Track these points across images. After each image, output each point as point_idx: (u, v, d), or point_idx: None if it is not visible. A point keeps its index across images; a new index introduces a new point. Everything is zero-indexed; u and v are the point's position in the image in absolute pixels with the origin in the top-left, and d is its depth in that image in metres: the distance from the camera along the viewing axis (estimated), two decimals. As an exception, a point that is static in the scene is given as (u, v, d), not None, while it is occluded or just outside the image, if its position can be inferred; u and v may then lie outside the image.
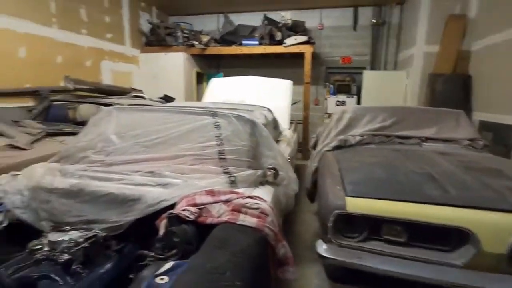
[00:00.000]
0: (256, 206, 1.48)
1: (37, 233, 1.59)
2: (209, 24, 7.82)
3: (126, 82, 6.36)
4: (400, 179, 1.81)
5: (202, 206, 1.44)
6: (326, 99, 6.77)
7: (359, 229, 1.65)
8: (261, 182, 1.88)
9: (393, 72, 6.62)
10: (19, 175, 1.84)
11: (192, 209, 1.38)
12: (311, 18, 7.10)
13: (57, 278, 1.22)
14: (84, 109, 5.16)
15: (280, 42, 6.32)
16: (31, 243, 1.35)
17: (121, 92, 4.13)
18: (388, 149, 2.55)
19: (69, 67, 4.95)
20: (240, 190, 1.65)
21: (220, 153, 1.86)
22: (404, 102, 5.92)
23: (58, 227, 1.56)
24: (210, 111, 2.14)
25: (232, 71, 7.82)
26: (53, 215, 1.61)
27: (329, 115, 5.83)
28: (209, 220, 1.35)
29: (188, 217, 1.33)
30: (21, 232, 1.62)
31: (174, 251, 1.26)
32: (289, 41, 6.12)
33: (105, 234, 1.43)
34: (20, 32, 4.15)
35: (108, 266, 1.35)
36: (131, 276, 1.32)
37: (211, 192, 1.54)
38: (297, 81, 6.07)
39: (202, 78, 7.82)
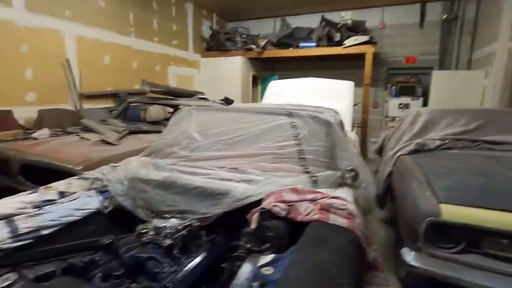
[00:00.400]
0: (343, 207, 1.46)
1: (135, 218, 1.79)
2: (266, 27, 7.96)
3: (188, 85, 6.78)
4: (502, 187, 1.63)
5: (290, 204, 1.46)
6: (386, 101, 6.41)
7: (455, 239, 1.52)
8: (340, 183, 1.84)
9: (468, 71, 6.00)
10: (118, 166, 2.07)
11: (282, 205, 1.41)
12: (371, 17, 6.80)
13: (162, 260, 1.34)
14: (153, 110, 5.63)
15: (338, 43, 6.17)
16: (138, 227, 1.51)
17: (188, 94, 4.42)
18: (477, 155, 2.31)
19: (142, 72, 5.45)
20: (322, 190, 1.64)
21: (299, 152, 1.87)
22: (481, 104, 5.32)
23: (155, 214, 1.73)
24: (286, 111, 2.18)
25: (287, 73, 7.85)
26: (149, 203, 1.77)
27: (393, 118, 5.51)
28: (300, 217, 1.37)
29: (279, 213, 1.36)
30: (121, 216, 1.82)
31: (267, 245, 1.30)
32: (348, 41, 5.94)
33: (198, 224, 1.53)
34: (105, 42, 4.70)
35: (203, 254, 1.44)
36: (224, 265, 1.40)
37: (295, 190, 1.56)
38: (355, 82, 5.85)
39: (257, 81, 7.99)
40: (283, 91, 5.04)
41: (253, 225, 1.40)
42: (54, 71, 3.99)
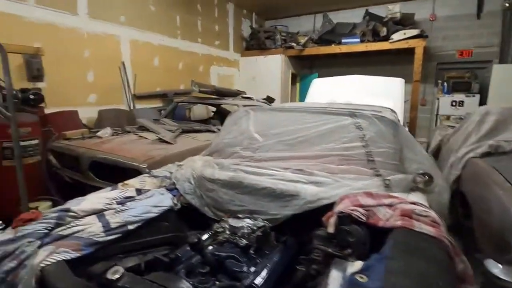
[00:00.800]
0: (425, 213, 1.38)
1: (202, 216, 1.85)
2: (305, 24, 7.83)
3: (228, 84, 6.89)
4: None
5: (368, 208, 1.41)
6: (437, 98, 6.00)
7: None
8: (412, 188, 1.75)
9: (534, 65, 5.43)
10: (183, 165, 2.15)
11: (361, 210, 1.37)
12: (420, 9, 6.40)
13: (240, 259, 1.37)
14: (196, 110, 5.82)
15: (385, 38, 5.89)
16: (215, 225, 1.55)
17: (233, 94, 4.49)
18: None
19: (187, 72, 5.64)
20: (397, 195, 1.57)
21: (367, 154, 1.81)
22: (552, 101, 4.78)
23: (224, 214, 1.77)
24: (348, 111, 2.12)
25: (327, 71, 7.67)
26: (217, 202, 1.82)
27: (447, 117, 5.14)
28: (381, 223, 1.31)
29: (360, 217, 1.33)
30: (187, 214, 1.89)
31: (349, 250, 1.27)
32: (396, 36, 5.65)
33: (270, 225, 1.54)
34: (155, 44, 4.92)
35: (277, 255, 1.44)
36: (299, 267, 1.39)
37: (370, 194, 1.51)
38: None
39: (295, 79, 7.90)
40: (327, 89, 4.93)
41: (331, 229, 1.37)
42: (111, 73, 4.26)
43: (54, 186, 3.22)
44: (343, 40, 6.37)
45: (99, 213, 1.48)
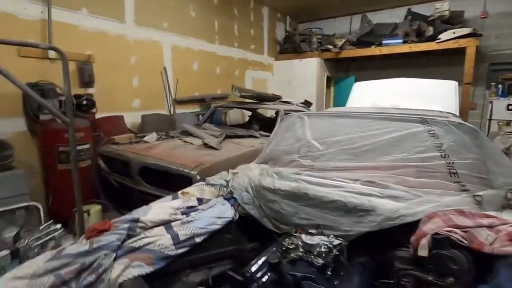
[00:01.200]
0: (536, 238, 1.18)
1: (262, 228, 1.75)
2: (341, 26, 7.60)
3: (263, 89, 6.82)
4: None
5: (465, 230, 1.24)
6: (490, 102, 5.53)
7: None
8: (503, 205, 1.54)
9: None
10: (237, 173, 2.07)
11: (459, 231, 1.20)
12: (469, 7, 5.97)
13: (318, 281, 1.25)
14: (232, 114, 5.80)
15: (431, 38, 5.54)
16: (284, 241, 1.45)
17: (273, 98, 4.41)
18: None
19: (223, 76, 5.64)
20: (492, 213, 1.38)
21: (449, 166, 1.62)
22: None
23: (286, 227, 1.66)
24: (418, 117, 1.94)
25: (364, 74, 7.38)
26: (278, 214, 1.71)
27: (508, 123, 4.70)
28: (487, 249, 1.14)
29: (461, 241, 1.16)
30: (244, 224, 1.80)
31: (451, 279, 1.10)
32: (445, 35, 5.29)
33: (347, 243, 1.41)
34: (195, 50, 4.96)
35: (356, 277, 1.31)
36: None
37: (463, 213, 1.33)
38: (452, 81, 5.17)
39: (329, 83, 7.68)
40: (370, 93, 4.70)
41: (423, 252, 1.22)
42: (153, 79, 4.33)
43: (102, 189, 3.30)
44: (383, 41, 6.09)
45: (166, 223, 1.43)
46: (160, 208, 1.51)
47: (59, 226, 2.22)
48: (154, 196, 2.78)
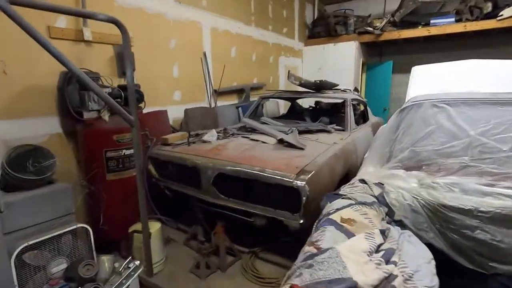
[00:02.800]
0: None
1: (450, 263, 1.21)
2: (373, 7, 6.97)
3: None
4: None
5: None
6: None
7: None
8: None
9: None
10: (384, 185, 1.52)
11: None
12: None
13: None
14: (268, 105, 5.20)
15: (489, 16, 4.98)
16: None
17: (332, 86, 3.83)
18: None
19: (258, 64, 5.03)
20: None
21: None
22: None
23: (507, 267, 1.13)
24: None
25: (402, 58, 6.82)
26: (489, 247, 1.18)
27: None
28: None
29: None
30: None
31: None
32: (508, 11, 4.73)
33: None
34: (233, 33, 4.33)
35: None
36: None
37: None
38: None
39: (362, 68, 7.11)
40: (438, 77, 4.15)
41: None
42: (194, 67, 3.72)
43: (154, 201, 2.73)
44: (431, 21, 5.51)
45: (381, 282, 0.89)
46: (359, 258, 0.96)
47: (138, 263, 1.65)
48: (231, 211, 2.24)
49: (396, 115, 2.04)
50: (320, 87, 3.61)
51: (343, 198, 1.45)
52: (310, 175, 1.88)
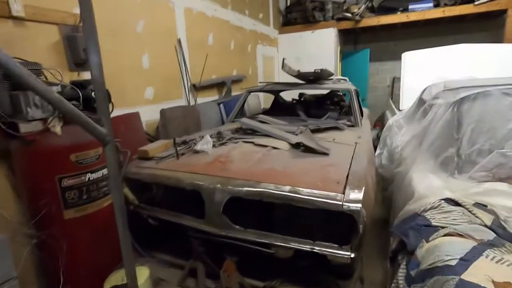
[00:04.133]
0: None
1: None
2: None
3: (270, 67, 5.75)
4: None
5: None
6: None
7: None
8: None
9: None
10: (486, 206, 1.09)
11: None
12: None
13: None
14: (250, 100, 4.64)
15: (468, 0, 4.94)
16: None
17: (329, 75, 3.39)
18: None
19: (237, 53, 4.43)
20: None
21: None
22: None
23: None
24: None
25: (378, 46, 6.68)
26: None
27: None
28: None
29: None
30: None
31: None
32: (485, -4, 4.71)
33: None
34: (208, 16, 3.67)
35: None
36: None
37: None
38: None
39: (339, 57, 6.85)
40: (427, 63, 3.96)
41: None
42: (167, 56, 3.02)
43: (134, 234, 2.05)
44: (410, 6, 5.36)
45: None
46: None
47: None
48: (245, 242, 1.68)
49: (450, 108, 1.64)
50: (319, 77, 3.15)
51: (446, 235, 0.99)
52: (362, 193, 1.40)
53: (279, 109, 4.03)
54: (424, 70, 3.94)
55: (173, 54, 3.07)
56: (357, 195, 1.39)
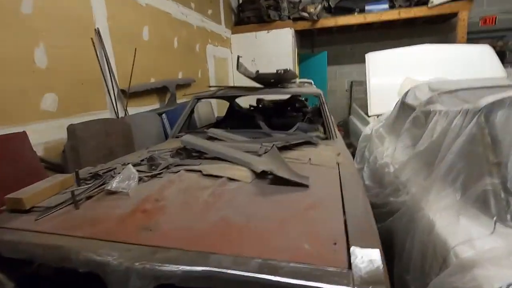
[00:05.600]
0: None
1: None
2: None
3: (224, 70, 5.13)
4: None
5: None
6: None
7: None
8: None
9: None
10: None
11: None
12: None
13: None
14: (201, 108, 3.96)
15: (420, 2, 4.89)
16: None
17: (293, 77, 2.86)
18: None
19: (182, 52, 3.73)
20: None
21: None
22: None
23: None
24: None
25: (335, 49, 6.46)
26: None
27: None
28: None
29: None
30: None
31: None
32: (438, -1, 4.68)
33: None
34: (141, 3, 2.92)
35: None
36: None
37: None
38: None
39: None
40: (397, 64, 3.69)
41: None
42: (78, 51, 2.21)
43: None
44: (366, 7, 5.18)
45: None
46: None
47: None
48: None
49: (474, 119, 1.18)
50: (282, 79, 2.60)
51: None
52: (380, 261, 0.83)
53: (235, 119, 3.41)
54: (390, 71, 3.68)
55: (89, 49, 2.27)
56: (373, 266, 0.81)
